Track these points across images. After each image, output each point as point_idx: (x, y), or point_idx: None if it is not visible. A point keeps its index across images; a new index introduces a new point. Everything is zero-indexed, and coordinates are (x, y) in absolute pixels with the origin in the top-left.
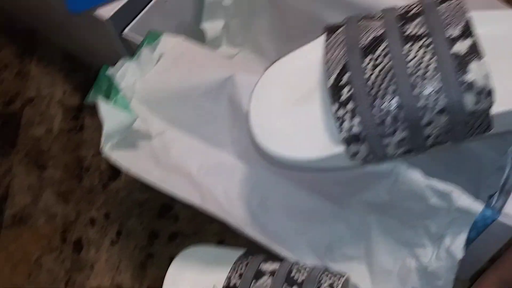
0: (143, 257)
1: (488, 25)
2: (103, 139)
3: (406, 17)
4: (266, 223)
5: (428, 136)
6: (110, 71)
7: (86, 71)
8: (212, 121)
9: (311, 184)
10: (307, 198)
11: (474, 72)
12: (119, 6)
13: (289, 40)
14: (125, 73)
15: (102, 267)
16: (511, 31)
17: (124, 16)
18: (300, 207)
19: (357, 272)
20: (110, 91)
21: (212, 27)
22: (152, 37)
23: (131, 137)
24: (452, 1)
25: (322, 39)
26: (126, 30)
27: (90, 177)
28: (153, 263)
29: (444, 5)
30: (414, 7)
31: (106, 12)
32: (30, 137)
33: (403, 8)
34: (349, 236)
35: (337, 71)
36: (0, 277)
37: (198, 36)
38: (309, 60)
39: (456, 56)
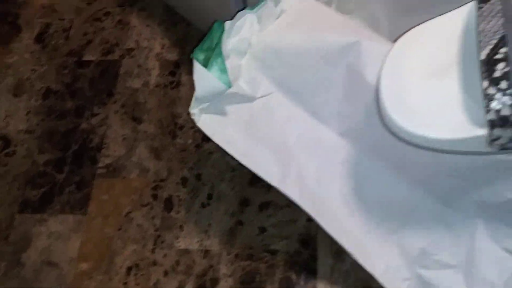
0: (233, 223)
1: None
2: (193, 100)
3: None
4: (355, 212)
5: None
6: (227, 24)
7: (186, 26)
8: (324, 90)
9: (418, 176)
10: (408, 192)
11: None
12: None
13: (407, 11)
14: (243, 25)
15: (191, 228)
16: None
17: None
18: (398, 201)
19: (451, 282)
20: (213, 51)
21: None
22: None
23: (226, 101)
24: None
25: (467, 7)
26: None
27: (184, 136)
28: (242, 231)
29: None
30: None
31: None
32: (128, 88)
33: None
34: (448, 240)
35: (493, 44)
36: (92, 225)
37: None
38: (450, 29)
39: None
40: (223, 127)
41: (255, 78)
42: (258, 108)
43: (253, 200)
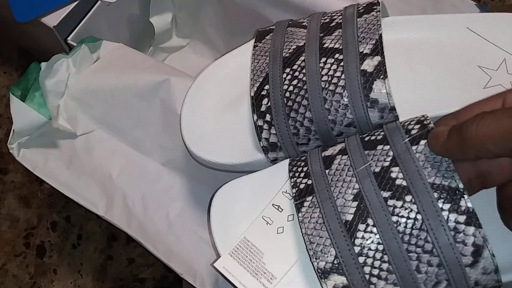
0: (103, 259)
1: (411, 30)
2: (11, 135)
3: (328, 27)
4: (182, 237)
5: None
6: (43, 65)
7: None
8: (142, 125)
9: None
10: None
11: (377, 91)
12: (65, 13)
13: (236, 33)
14: (60, 68)
15: (65, 270)
16: (432, 35)
17: (70, 22)
18: None
19: None
20: (31, 87)
21: (160, 20)
22: (91, 40)
23: (47, 136)
24: (369, 15)
25: (251, 43)
26: (70, 37)
27: None
28: (112, 265)
29: (362, 18)
30: (336, 17)
31: (52, 20)
32: None
33: (328, 17)
34: None
35: (259, 81)
36: None
37: (148, 30)
38: (240, 63)
39: (364, 73)
40: (45, 161)
41: (74, 117)
42: (81, 145)
43: (120, 234)
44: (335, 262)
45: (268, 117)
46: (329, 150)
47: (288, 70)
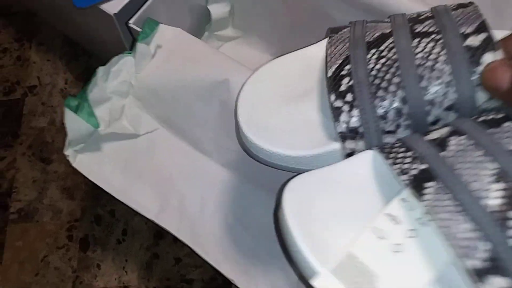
0: (149, 257)
1: None
2: (66, 143)
3: (417, 19)
4: (240, 240)
5: None
6: (100, 70)
7: (88, 58)
8: (202, 124)
9: None
10: None
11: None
12: (126, 1)
13: (292, 30)
14: (122, 68)
15: (109, 266)
16: None
17: (131, 9)
18: None
19: None
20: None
21: (218, 8)
22: (150, 27)
23: (102, 141)
24: (466, 8)
25: (323, 42)
26: (131, 21)
27: None
28: (158, 264)
29: (458, 11)
30: (425, 13)
31: (112, 6)
32: (33, 128)
33: (414, 13)
34: None
35: (338, 63)
36: (8, 274)
37: (205, 15)
38: (311, 60)
39: (469, 48)
40: (100, 166)
41: (138, 116)
42: (142, 144)
43: (166, 232)
44: (490, 259)
45: (349, 97)
46: (432, 133)
47: (373, 51)
